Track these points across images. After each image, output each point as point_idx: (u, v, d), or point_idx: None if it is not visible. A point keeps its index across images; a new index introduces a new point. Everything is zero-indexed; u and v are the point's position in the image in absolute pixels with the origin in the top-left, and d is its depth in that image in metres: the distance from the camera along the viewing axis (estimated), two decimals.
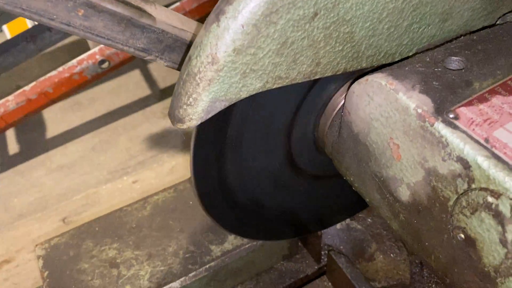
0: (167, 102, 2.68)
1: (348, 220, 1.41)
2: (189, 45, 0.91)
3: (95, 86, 2.78)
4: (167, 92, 2.74)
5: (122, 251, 1.27)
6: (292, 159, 1.03)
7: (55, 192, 2.30)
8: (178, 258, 1.24)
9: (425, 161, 0.70)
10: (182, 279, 1.21)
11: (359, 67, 0.85)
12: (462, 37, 0.85)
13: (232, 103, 0.77)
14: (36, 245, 1.29)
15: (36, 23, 3.04)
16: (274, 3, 0.68)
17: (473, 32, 0.89)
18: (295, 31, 0.73)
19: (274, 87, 0.78)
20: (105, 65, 2.03)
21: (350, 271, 1.22)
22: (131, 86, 2.80)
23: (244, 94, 0.76)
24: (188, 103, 0.74)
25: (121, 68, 2.17)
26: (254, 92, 0.77)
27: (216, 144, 0.89)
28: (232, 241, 1.27)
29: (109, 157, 2.43)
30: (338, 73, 0.83)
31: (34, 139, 2.55)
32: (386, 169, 0.78)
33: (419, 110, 0.68)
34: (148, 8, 0.85)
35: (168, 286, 1.19)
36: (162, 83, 2.79)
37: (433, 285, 1.34)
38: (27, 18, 0.75)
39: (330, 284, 1.33)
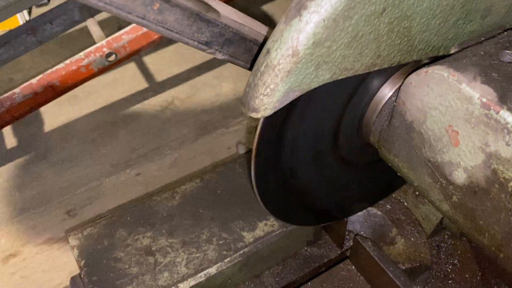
0: (165, 95, 2.70)
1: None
2: (246, 39, 0.95)
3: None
4: (164, 85, 2.76)
5: (156, 239, 1.30)
6: (336, 138, 1.08)
7: (57, 185, 2.29)
8: (212, 245, 1.28)
9: (486, 146, 0.76)
10: (218, 264, 1.25)
11: (410, 60, 0.92)
12: (505, 32, 0.92)
13: (303, 93, 0.82)
14: (69, 235, 1.30)
15: (33, 16, 3.00)
16: None
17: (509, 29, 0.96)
18: (365, 25, 0.78)
19: (340, 78, 0.83)
20: (112, 58, 2.04)
21: (377, 254, 1.28)
22: (127, 79, 2.80)
23: (314, 84, 0.81)
24: (265, 93, 0.78)
25: None
26: (322, 83, 0.82)
27: (281, 123, 0.94)
28: (262, 227, 1.32)
29: (110, 150, 2.44)
30: (393, 65, 0.89)
31: (32, 133, 2.53)
32: (442, 154, 0.85)
33: (484, 100, 0.75)
34: (211, 2, 0.89)
35: (205, 271, 1.23)
36: (159, 76, 2.81)
37: (450, 266, 1.42)
38: (107, 12, 0.78)
39: (353, 267, 1.39)
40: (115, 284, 1.21)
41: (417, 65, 0.93)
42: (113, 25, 2.99)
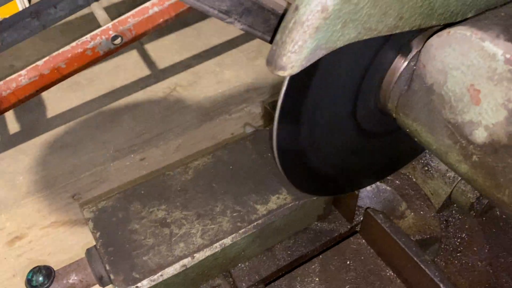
0: (167, 82, 2.71)
1: (377, 182, 1.50)
2: (264, 9, 0.96)
3: (92, 66, 2.76)
4: (166, 72, 2.76)
5: (171, 211, 1.31)
6: (355, 104, 1.10)
7: (61, 170, 2.29)
8: (226, 217, 1.30)
9: (509, 102, 0.78)
10: (233, 235, 1.26)
11: (430, 24, 0.94)
12: None
13: (329, 51, 0.83)
14: (84, 208, 1.31)
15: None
16: None
17: None
18: None
19: (364, 38, 0.85)
20: (118, 41, 2.04)
21: (389, 226, 1.30)
22: (129, 66, 2.81)
23: (340, 43, 0.83)
24: (293, 50, 0.80)
25: None
26: (348, 42, 0.84)
27: (304, 88, 0.96)
28: (275, 201, 1.34)
29: (114, 135, 2.44)
30: (413, 28, 0.91)
31: (35, 119, 2.53)
32: (462, 114, 0.87)
33: (508, 56, 0.77)
34: None
35: (220, 242, 1.25)
36: (161, 64, 2.81)
37: (458, 240, 1.44)
38: None
39: (364, 241, 1.41)
40: (132, 255, 1.22)
41: (435, 30, 0.95)
42: (113, 12, 2.99)
